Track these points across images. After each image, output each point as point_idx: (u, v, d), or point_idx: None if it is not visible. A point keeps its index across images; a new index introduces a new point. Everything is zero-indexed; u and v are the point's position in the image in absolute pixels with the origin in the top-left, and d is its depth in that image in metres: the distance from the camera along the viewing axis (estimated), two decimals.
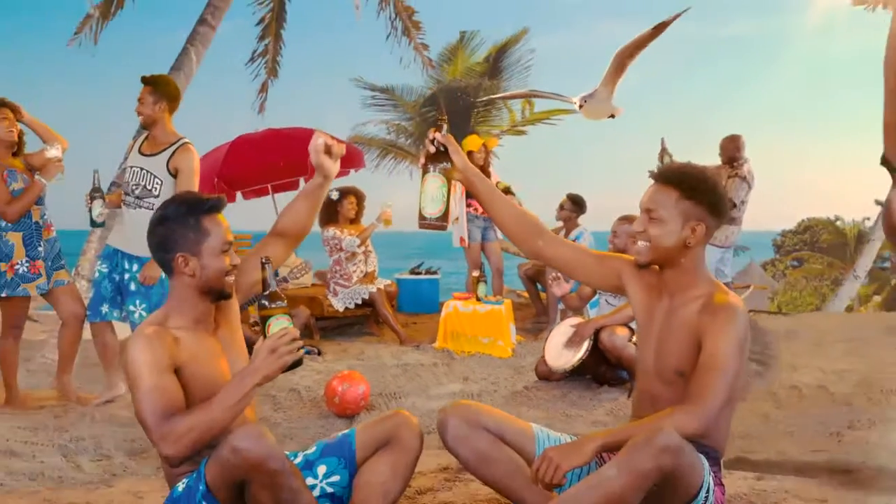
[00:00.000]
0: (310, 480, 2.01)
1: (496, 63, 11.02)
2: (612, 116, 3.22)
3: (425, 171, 2.13)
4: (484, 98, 8.13)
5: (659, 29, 2.93)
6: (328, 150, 2.18)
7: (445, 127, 2.17)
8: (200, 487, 1.85)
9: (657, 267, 2.12)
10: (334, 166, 2.21)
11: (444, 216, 2.14)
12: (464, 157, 2.15)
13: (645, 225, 2.09)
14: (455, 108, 9.72)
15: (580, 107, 3.15)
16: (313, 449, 2.12)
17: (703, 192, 2.07)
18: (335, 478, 2.05)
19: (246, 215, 7.32)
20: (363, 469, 2.05)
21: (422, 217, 2.14)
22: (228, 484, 1.82)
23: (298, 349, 1.87)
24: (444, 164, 2.11)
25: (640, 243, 2.10)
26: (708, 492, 1.93)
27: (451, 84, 10.26)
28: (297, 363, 1.87)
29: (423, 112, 10.84)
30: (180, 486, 1.92)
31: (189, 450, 1.81)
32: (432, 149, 2.12)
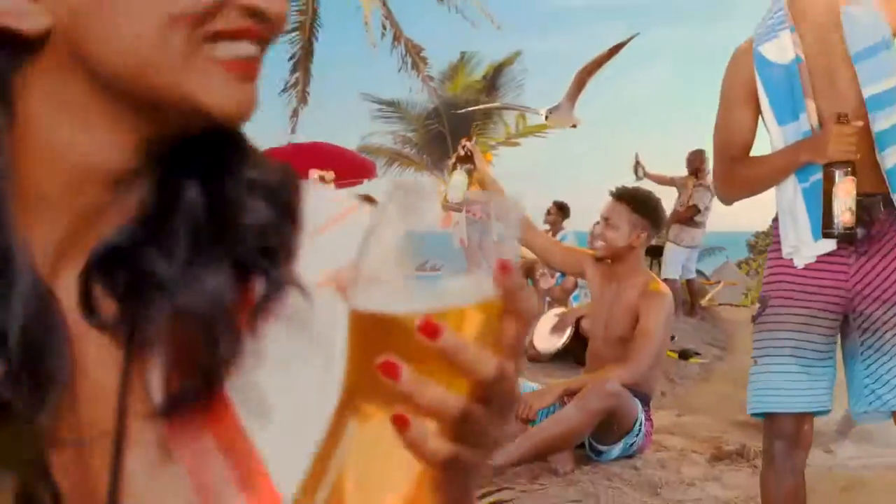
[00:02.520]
0: None
1: (493, 81, 11.83)
2: (574, 126, 3.63)
3: (454, 168, 2.78)
4: (461, 111, 8.87)
5: (614, 50, 3.47)
6: (322, 180, 2.85)
7: (475, 138, 2.85)
8: None
9: (610, 261, 2.85)
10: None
11: (461, 204, 2.79)
12: (484, 164, 2.85)
13: (603, 230, 2.81)
14: (455, 121, 10.46)
15: (546, 117, 3.56)
16: None
17: (647, 208, 2.80)
18: None
19: None
20: None
21: (445, 200, 2.74)
22: None
23: None
24: (469, 165, 2.77)
25: (599, 243, 2.84)
26: (640, 425, 2.64)
27: (452, 100, 11.05)
28: None
29: (427, 124, 11.60)
30: None
31: None
32: (462, 152, 2.79)
